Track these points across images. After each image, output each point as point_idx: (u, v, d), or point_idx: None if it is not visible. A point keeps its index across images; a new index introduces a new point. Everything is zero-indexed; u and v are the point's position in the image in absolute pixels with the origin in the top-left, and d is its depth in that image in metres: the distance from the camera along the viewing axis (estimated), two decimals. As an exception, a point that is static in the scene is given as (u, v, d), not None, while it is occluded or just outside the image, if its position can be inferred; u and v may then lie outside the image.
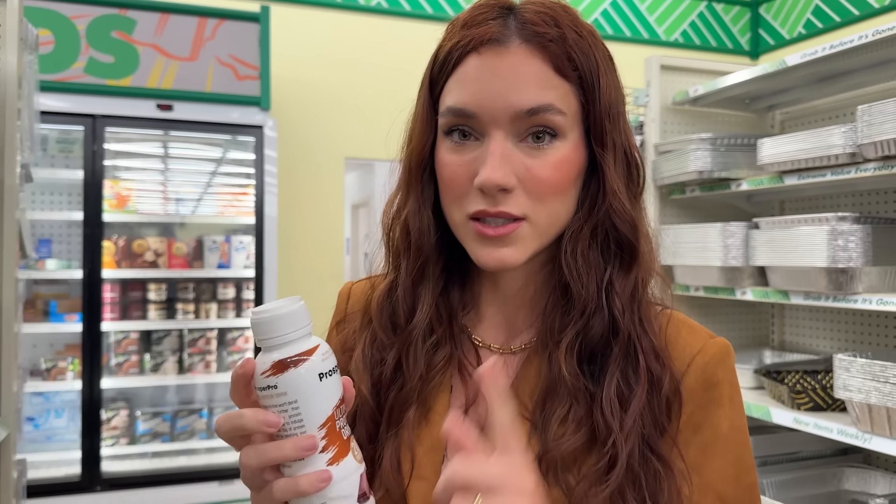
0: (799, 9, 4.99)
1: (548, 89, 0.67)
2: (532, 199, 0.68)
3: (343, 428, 0.60)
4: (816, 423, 1.89)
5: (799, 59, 2.00)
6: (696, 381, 0.71)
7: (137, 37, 3.63)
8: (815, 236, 1.87)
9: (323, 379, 0.58)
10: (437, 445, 0.73)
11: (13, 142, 1.84)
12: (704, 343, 0.73)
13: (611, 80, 0.71)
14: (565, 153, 0.69)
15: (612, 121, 0.70)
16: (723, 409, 0.72)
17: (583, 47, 0.69)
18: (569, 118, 0.68)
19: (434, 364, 0.75)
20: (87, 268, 3.53)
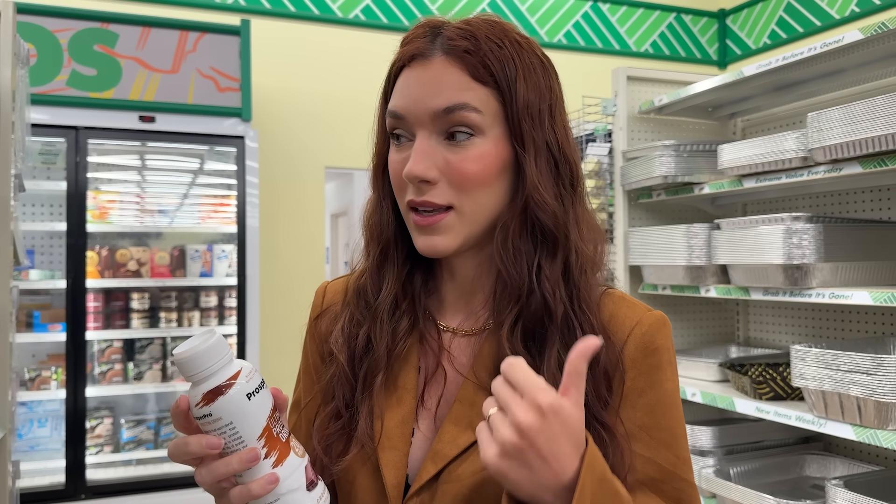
0: (764, 20, 5.17)
1: (464, 91, 0.76)
2: (456, 190, 0.77)
3: (280, 432, 0.68)
4: (777, 410, 2.01)
5: (755, 70, 2.13)
6: (636, 349, 0.79)
7: (120, 50, 3.69)
8: (771, 235, 1.99)
9: (251, 397, 0.66)
10: (407, 419, 0.81)
11: (8, 154, 1.91)
12: (642, 315, 0.81)
13: (532, 83, 0.79)
14: (484, 149, 0.77)
15: (532, 120, 0.78)
16: (664, 373, 0.80)
17: (500, 56, 0.77)
18: (486, 117, 0.77)
19: (398, 333, 0.84)
20: (70, 277, 3.57)
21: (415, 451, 0.81)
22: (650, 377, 0.79)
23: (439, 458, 0.78)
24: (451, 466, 0.77)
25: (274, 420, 0.68)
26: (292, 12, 4.60)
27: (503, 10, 5.07)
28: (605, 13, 5.33)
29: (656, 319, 0.82)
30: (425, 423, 0.82)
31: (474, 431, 0.71)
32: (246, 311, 3.85)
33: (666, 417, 0.80)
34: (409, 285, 0.86)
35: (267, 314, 4.28)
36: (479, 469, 0.75)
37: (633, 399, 0.79)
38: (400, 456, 0.80)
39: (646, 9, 5.43)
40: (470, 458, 0.77)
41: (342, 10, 4.71)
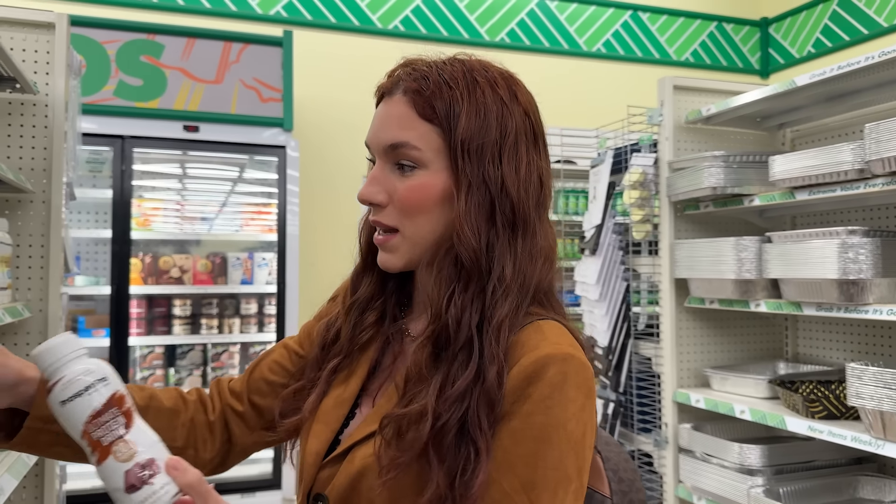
0: (808, 28, 5.08)
1: (407, 129, 0.85)
2: (400, 214, 0.86)
3: (103, 437, 0.73)
4: (830, 430, 1.95)
5: (808, 80, 2.08)
6: (518, 374, 0.80)
7: (165, 60, 3.76)
8: (826, 249, 1.94)
9: (65, 404, 0.73)
10: (346, 401, 0.92)
11: (60, 163, 1.94)
12: (542, 346, 0.81)
13: (477, 122, 0.85)
14: (425, 180, 0.85)
15: (469, 157, 0.84)
16: (538, 404, 0.78)
17: (448, 96, 0.85)
18: (427, 152, 0.85)
19: (362, 326, 0.95)
20: (115, 284, 3.63)
21: (347, 430, 0.91)
22: (521, 404, 0.79)
23: (350, 439, 0.88)
24: (354, 448, 0.86)
25: (94, 425, 0.73)
26: (333, 23, 4.64)
27: (542, 21, 5.06)
28: (645, 22, 5.28)
29: (554, 354, 0.80)
30: (367, 409, 0.91)
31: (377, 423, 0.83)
32: (285, 319, 3.87)
33: (526, 446, 0.78)
34: (383, 288, 0.97)
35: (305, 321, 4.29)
36: (367, 455, 0.83)
37: (505, 422, 0.80)
38: (326, 430, 0.91)
39: (686, 18, 5.37)
40: (366, 445, 0.84)
41: (382, 21, 4.74)
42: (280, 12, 4.56)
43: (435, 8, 4.85)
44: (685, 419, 2.49)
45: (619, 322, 2.68)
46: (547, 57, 5.06)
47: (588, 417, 0.81)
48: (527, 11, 5.03)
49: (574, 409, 0.79)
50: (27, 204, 1.93)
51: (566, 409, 0.79)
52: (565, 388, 0.79)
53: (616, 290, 2.68)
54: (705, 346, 2.58)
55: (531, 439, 0.78)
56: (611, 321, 2.69)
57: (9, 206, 1.92)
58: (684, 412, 2.51)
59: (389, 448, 0.80)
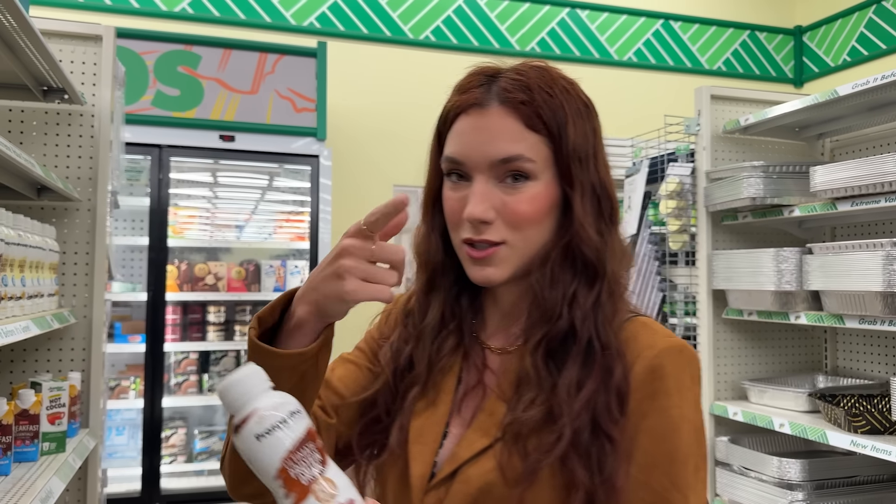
0: (844, 36, 5.02)
1: (518, 142, 0.83)
2: (509, 228, 0.85)
3: (301, 474, 0.65)
4: (874, 445, 1.91)
5: (850, 90, 2.06)
6: (643, 371, 0.82)
7: (202, 71, 3.82)
8: (870, 261, 1.91)
9: (261, 439, 0.65)
10: (440, 420, 0.89)
11: (106, 172, 1.99)
12: (658, 341, 0.84)
13: (579, 128, 0.86)
14: (537, 191, 0.85)
15: (579, 163, 0.86)
16: (670, 399, 0.81)
17: (552, 105, 0.85)
18: (538, 164, 0.84)
19: (441, 351, 0.92)
20: (151, 291, 3.68)
21: (443, 453, 0.88)
22: (655, 401, 0.81)
23: (455, 459, 0.85)
24: (463, 467, 0.83)
25: (293, 461, 0.65)
26: (365, 34, 4.68)
27: (573, 30, 5.06)
28: (676, 31, 5.25)
29: (672, 346, 0.84)
30: (458, 429, 0.89)
31: (488, 437, 0.83)
32: (316, 327, 3.89)
33: (666, 443, 0.81)
34: (458, 308, 0.94)
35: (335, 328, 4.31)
36: (486, 472, 0.81)
37: (636, 420, 0.81)
38: (427, 451, 0.87)
39: (719, 26, 5.34)
40: (480, 462, 0.83)
41: (413, 31, 4.77)
42: (314, 23, 4.61)
43: (466, 18, 4.87)
44: (722, 432, 2.46)
45: (655, 333, 2.66)
46: (578, 66, 5.05)
47: (701, 407, 0.86)
48: (558, 21, 5.04)
49: (694, 397, 0.83)
50: (73, 212, 1.97)
51: (690, 399, 0.83)
52: (686, 378, 0.83)
53: (651, 302, 2.66)
54: (743, 358, 2.55)
55: (668, 435, 0.80)
56: (646, 332, 2.67)
57: (56, 214, 1.96)
58: (721, 425, 2.48)
59: (514, 458, 0.80)
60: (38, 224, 1.69)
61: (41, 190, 1.88)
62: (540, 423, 0.81)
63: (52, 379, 1.78)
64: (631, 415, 0.81)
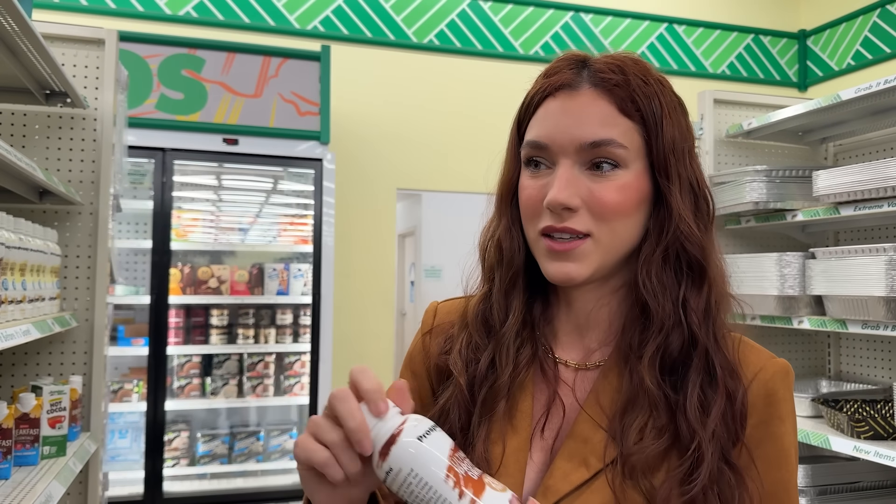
0: (848, 40, 5.01)
1: (610, 126, 0.77)
2: (595, 219, 0.77)
3: (469, 471, 0.64)
4: (878, 451, 1.90)
5: (853, 94, 2.05)
6: (758, 395, 0.77)
7: (206, 75, 3.83)
8: (872, 266, 1.91)
9: (423, 439, 0.63)
10: (523, 447, 0.80)
11: (108, 175, 1.99)
12: (766, 361, 0.80)
13: (676, 121, 0.80)
14: (627, 180, 0.77)
15: (676, 156, 0.79)
16: (784, 425, 0.78)
17: (647, 92, 0.78)
18: (630, 151, 0.77)
19: (520, 361, 0.83)
20: (154, 294, 3.69)
21: (529, 484, 0.79)
22: (769, 428, 0.78)
23: (551, 493, 0.76)
24: (561, 503, 0.75)
25: (457, 459, 0.64)
26: (369, 38, 4.69)
27: (577, 34, 5.06)
28: (680, 35, 5.25)
29: (781, 367, 0.80)
30: (539, 454, 0.81)
31: (588, 468, 0.74)
32: (320, 329, 3.90)
33: (781, 471, 0.78)
34: (529, 314, 0.86)
35: (339, 332, 4.32)
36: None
37: (751, 447, 0.76)
38: (515, 484, 0.78)
39: (723, 30, 5.33)
40: (582, 497, 0.75)
41: (417, 35, 4.78)
42: (317, 27, 4.62)
43: (470, 22, 4.88)
44: (725, 437, 2.45)
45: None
46: (581, 70, 5.05)
47: None
48: (561, 25, 5.04)
49: (795, 419, 0.80)
50: (76, 216, 1.98)
51: (795, 423, 0.80)
52: (792, 402, 0.80)
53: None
54: (745, 362, 2.54)
55: (783, 463, 0.78)
56: (648, 336, 2.66)
57: (58, 218, 1.97)
58: (724, 430, 2.47)
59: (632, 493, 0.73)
60: (40, 228, 1.70)
61: (43, 193, 1.89)
62: (664, 453, 0.74)
63: (53, 383, 1.79)
64: (747, 440, 0.76)
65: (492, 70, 4.83)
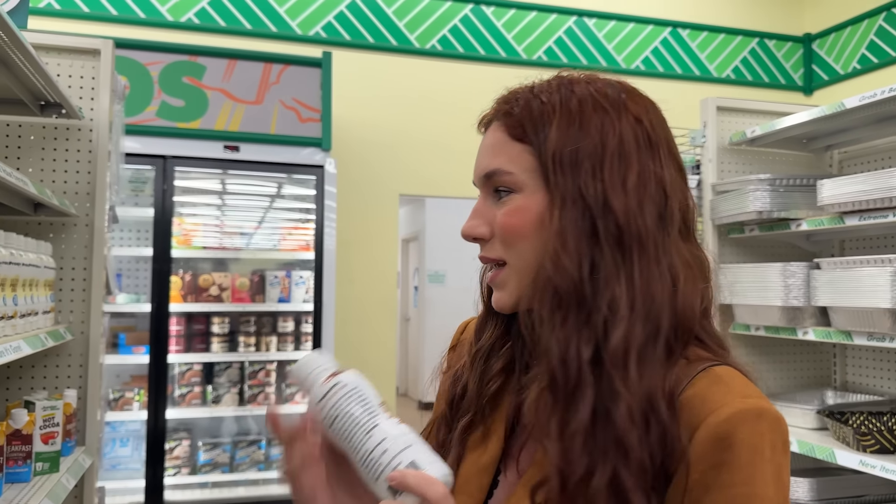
0: (853, 44, 4.97)
1: (499, 155, 0.80)
2: (503, 245, 0.79)
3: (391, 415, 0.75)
4: (884, 465, 1.87)
5: (857, 102, 2.02)
6: (707, 437, 0.68)
7: (207, 82, 3.82)
8: (878, 277, 1.87)
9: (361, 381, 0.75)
10: (489, 467, 0.81)
11: (104, 186, 1.97)
12: (728, 400, 0.69)
13: (571, 131, 0.76)
14: (520, 203, 0.77)
15: (561, 169, 0.75)
16: (737, 474, 0.67)
17: (540, 110, 0.78)
18: (521, 174, 0.78)
19: (487, 375, 0.85)
20: (155, 302, 3.68)
21: (494, 502, 0.80)
22: (718, 474, 0.67)
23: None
24: None
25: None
26: (371, 43, 4.68)
27: (580, 39, 5.03)
28: (684, 39, 5.22)
29: (747, 410, 0.68)
30: (512, 474, 0.81)
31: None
32: (321, 337, 3.88)
33: None
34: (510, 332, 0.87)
35: (341, 339, 4.30)
36: None
37: (700, 494, 0.68)
38: (471, 502, 0.80)
39: (727, 34, 5.30)
40: None
41: (419, 40, 4.76)
42: (319, 33, 4.61)
43: (472, 27, 4.86)
44: (729, 449, 2.42)
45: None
46: (585, 75, 5.02)
47: (787, 478, 0.70)
48: (565, 29, 5.01)
49: (773, 471, 0.68)
50: (71, 227, 1.96)
51: (767, 473, 0.68)
52: (764, 449, 0.68)
53: (657, 315, 2.62)
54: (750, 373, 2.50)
55: None
56: (651, 346, 2.63)
57: (53, 230, 1.95)
58: (728, 441, 2.43)
59: None
60: (33, 241, 1.68)
61: (38, 206, 1.87)
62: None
63: (47, 397, 1.77)
64: (692, 488, 0.67)
65: (495, 75, 4.81)
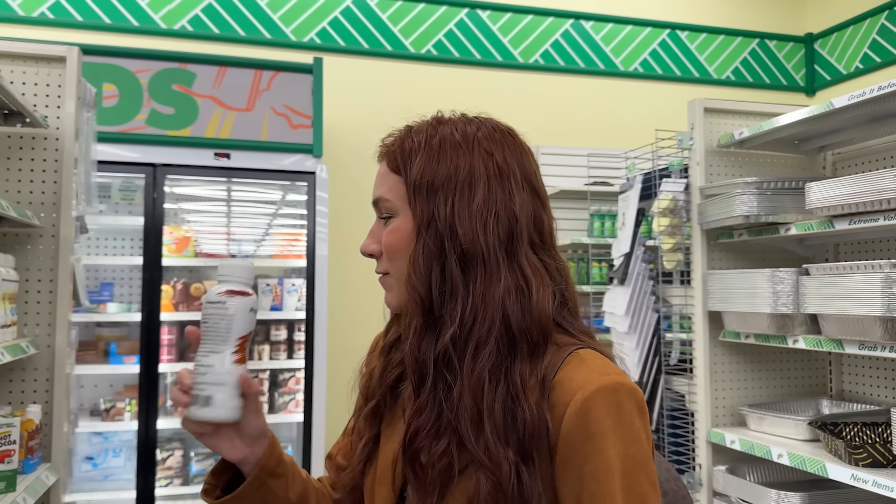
0: (856, 44, 4.88)
1: (382, 185, 0.94)
2: (388, 259, 0.92)
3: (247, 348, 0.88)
4: (876, 480, 1.79)
5: (846, 101, 1.95)
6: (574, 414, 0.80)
7: (197, 89, 3.78)
8: (868, 284, 1.80)
9: (251, 312, 0.87)
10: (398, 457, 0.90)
11: (69, 196, 1.93)
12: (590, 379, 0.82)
13: (430, 164, 0.89)
14: (396, 224, 0.91)
15: (419, 196, 0.89)
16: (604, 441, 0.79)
17: (409, 145, 0.92)
18: (395, 201, 0.92)
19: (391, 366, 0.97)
20: (145, 311, 3.64)
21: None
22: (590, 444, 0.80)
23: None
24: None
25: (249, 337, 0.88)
26: (366, 49, 4.63)
27: (577, 41, 4.97)
28: (683, 40, 5.15)
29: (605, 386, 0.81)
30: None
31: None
32: (314, 345, 3.83)
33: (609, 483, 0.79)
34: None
35: (336, 347, 4.25)
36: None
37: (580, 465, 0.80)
38: (388, 490, 0.90)
39: (727, 35, 5.22)
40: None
41: (414, 45, 4.72)
42: (314, 39, 4.57)
43: (468, 31, 4.81)
44: (720, 460, 2.35)
45: (651, 356, 2.55)
46: (582, 77, 4.96)
47: (647, 435, 0.83)
48: (561, 32, 4.95)
49: (635, 432, 0.82)
50: (36, 238, 1.92)
51: (630, 435, 0.81)
52: (623, 415, 0.81)
53: (647, 322, 2.55)
54: (742, 382, 2.43)
55: (612, 475, 0.79)
56: (641, 354, 2.56)
57: (18, 241, 1.91)
58: (719, 453, 2.36)
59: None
60: (-9, 253, 1.64)
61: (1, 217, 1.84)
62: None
63: (10, 414, 1.72)
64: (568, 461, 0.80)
65: (491, 79, 4.76)
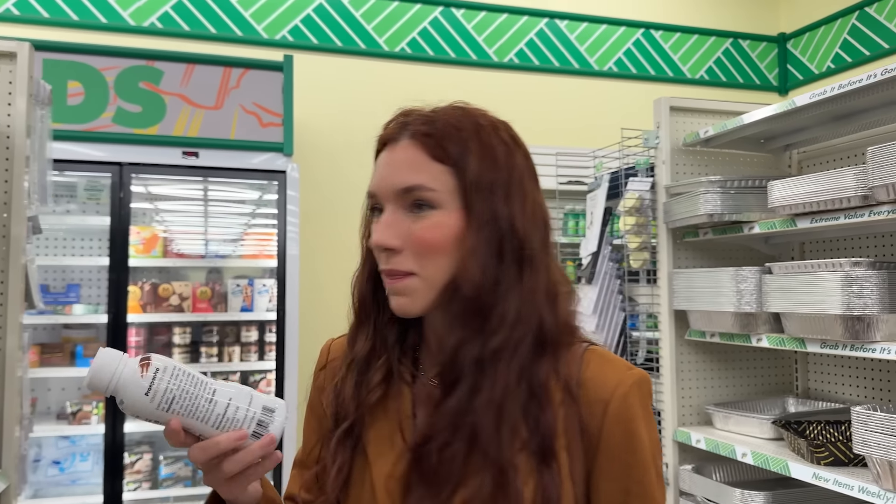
0: (827, 44, 4.92)
1: (420, 172, 0.85)
2: (417, 257, 0.85)
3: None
4: (837, 479, 1.79)
5: (808, 100, 1.95)
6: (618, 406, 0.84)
7: (164, 87, 3.73)
8: (829, 282, 1.80)
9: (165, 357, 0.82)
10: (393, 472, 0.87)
11: (20, 192, 1.88)
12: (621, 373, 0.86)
13: (487, 161, 0.86)
14: (440, 219, 0.85)
15: (481, 194, 0.85)
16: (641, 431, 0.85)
17: (458, 137, 0.86)
18: (442, 193, 0.85)
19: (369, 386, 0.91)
20: (111, 312, 3.58)
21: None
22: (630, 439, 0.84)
23: None
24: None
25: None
26: (339, 47, 4.60)
27: (551, 41, 4.96)
28: (657, 40, 5.16)
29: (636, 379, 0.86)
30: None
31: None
32: (285, 346, 3.79)
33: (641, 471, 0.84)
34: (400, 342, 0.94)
35: (307, 348, 4.20)
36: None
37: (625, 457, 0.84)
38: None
39: (701, 35, 5.24)
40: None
41: (388, 43, 4.69)
42: (286, 36, 4.53)
43: (442, 30, 4.79)
44: (687, 460, 2.34)
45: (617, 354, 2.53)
46: (557, 77, 4.95)
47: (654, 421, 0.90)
48: (536, 31, 4.94)
49: (653, 415, 0.88)
50: (-14, 238, 1.87)
51: (652, 419, 0.88)
52: (648, 404, 0.87)
53: (614, 321, 2.54)
54: (709, 381, 2.43)
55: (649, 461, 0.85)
56: (609, 354, 2.55)
57: (-33, 241, 1.86)
58: (686, 452, 2.36)
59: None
60: (-66, 253, 1.59)
61: (-52, 216, 1.79)
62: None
63: (-44, 417, 1.68)
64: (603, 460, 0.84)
65: (465, 78, 4.74)
